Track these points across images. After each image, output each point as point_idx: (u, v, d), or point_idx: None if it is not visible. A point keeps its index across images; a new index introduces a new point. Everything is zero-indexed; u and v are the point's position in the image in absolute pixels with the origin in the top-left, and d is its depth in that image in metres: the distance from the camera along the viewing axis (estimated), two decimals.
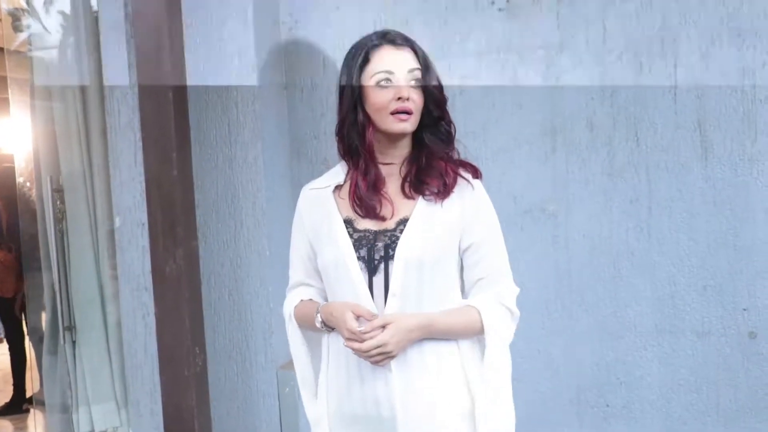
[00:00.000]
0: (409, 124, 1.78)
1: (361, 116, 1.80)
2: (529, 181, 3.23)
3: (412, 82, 1.77)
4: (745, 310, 3.07)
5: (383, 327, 1.72)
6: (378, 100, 1.76)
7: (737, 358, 3.09)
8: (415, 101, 1.77)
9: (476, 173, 1.87)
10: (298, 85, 3.40)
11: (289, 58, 3.40)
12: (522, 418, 3.14)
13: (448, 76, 3.06)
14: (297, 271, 2.00)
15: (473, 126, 3.22)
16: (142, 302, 3.31)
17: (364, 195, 1.80)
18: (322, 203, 1.90)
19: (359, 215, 1.83)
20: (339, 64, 1.88)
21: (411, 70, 1.77)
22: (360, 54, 1.80)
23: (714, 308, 3.10)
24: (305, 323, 1.93)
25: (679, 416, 3.15)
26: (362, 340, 1.72)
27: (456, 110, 3.03)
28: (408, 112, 1.76)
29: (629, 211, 3.15)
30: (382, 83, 1.77)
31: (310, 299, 1.95)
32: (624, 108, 3.14)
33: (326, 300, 1.94)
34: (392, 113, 1.76)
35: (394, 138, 1.81)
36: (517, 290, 1.89)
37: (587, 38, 3.14)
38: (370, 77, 1.77)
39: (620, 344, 3.18)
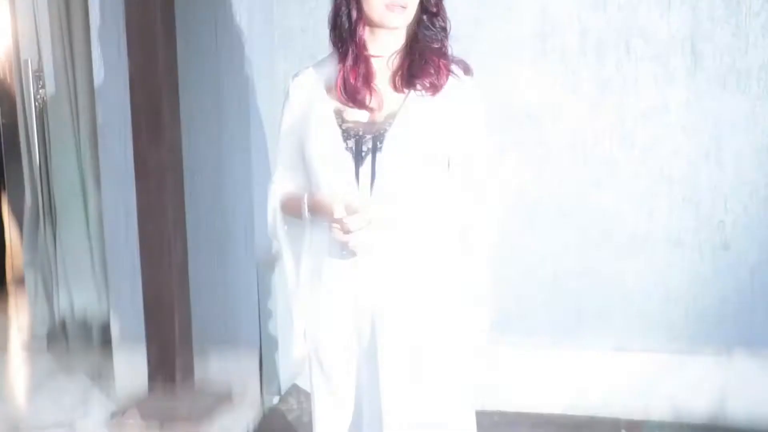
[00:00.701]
0: (402, 18, 1.76)
1: (354, 7, 1.78)
2: (517, 86, 3.22)
3: None
4: (720, 222, 3.14)
5: (366, 216, 1.75)
6: None
7: (709, 269, 3.18)
8: None
9: (467, 70, 1.87)
10: None
11: None
12: (499, 316, 3.20)
13: None
14: (285, 161, 1.98)
15: (463, 26, 3.10)
16: (124, 193, 3.29)
17: (353, 87, 1.80)
18: (311, 93, 1.88)
19: (348, 106, 1.83)
20: None
21: None
22: None
23: (690, 220, 3.16)
24: (291, 212, 1.95)
25: (650, 320, 3.26)
26: (345, 231, 1.75)
27: (447, 9, 3.03)
28: (402, 6, 1.74)
29: (615, 121, 3.17)
30: None
31: (297, 190, 1.94)
32: (615, 15, 3.11)
33: (311, 190, 1.93)
34: (386, 6, 1.75)
35: (386, 31, 1.80)
36: (500, 193, 1.92)
37: None
38: None
39: (597, 250, 3.25)
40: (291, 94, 1.92)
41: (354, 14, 1.78)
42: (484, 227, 1.88)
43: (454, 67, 1.83)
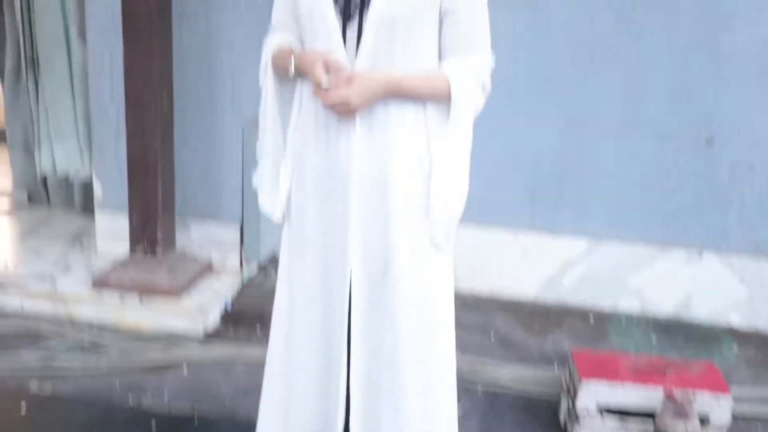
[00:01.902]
0: None
1: None
2: None
3: None
4: (707, 116, 3.15)
5: (350, 80, 1.72)
6: None
7: (690, 163, 3.21)
8: None
9: None
10: None
11: None
12: (476, 199, 3.21)
13: None
14: (279, 12, 1.94)
15: None
16: (109, 44, 3.25)
17: None
18: None
19: None
20: None
21: None
22: None
23: (678, 112, 3.17)
24: (280, 69, 1.90)
25: (625, 212, 3.31)
26: (324, 89, 1.73)
27: None
28: None
29: (614, 3, 3.13)
30: None
31: (289, 45, 1.90)
32: None
33: (300, 48, 1.91)
34: None
35: None
36: (492, 63, 1.86)
37: None
38: None
39: (582, 136, 3.26)
40: None
41: None
42: (470, 89, 1.82)
43: None
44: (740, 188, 3.20)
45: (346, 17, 1.76)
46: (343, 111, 1.76)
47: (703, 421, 2.33)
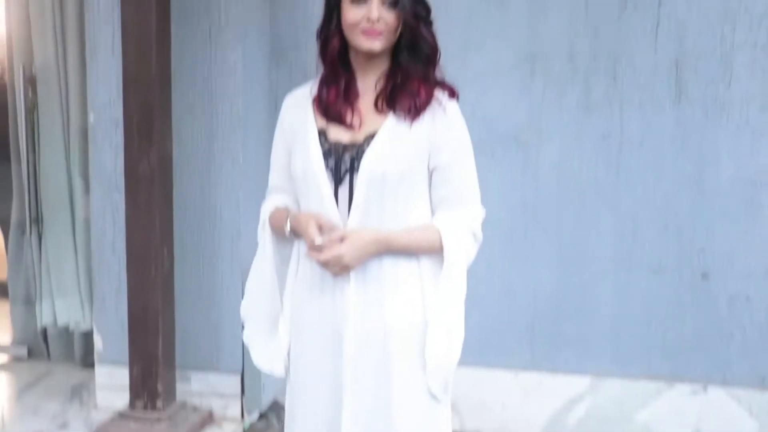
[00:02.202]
0: (377, 43, 1.80)
1: (333, 27, 1.84)
2: (505, 108, 3.27)
3: (386, 4, 1.78)
4: (701, 251, 3.19)
5: (342, 239, 1.77)
6: (350, 17, 1.80)
7: (688, 297, 3.22)
8: (387, 22, 1.79)
9: (452, 94, 1.89)
10: None
11: None
12: (476, 341, 3.25)
13: None
14: (275, 175, 2.03)
15: (454, 48, 3.20)
16: (112, 200, 3.33)
17: (332, 103, 1.85)
18: (301, 111, 1.92)
19: (331, 124, 1.86)
20: None
21: None
22: None
23: (672, 247, 3.21)
24: (277, 228, 1.97)
25: (626, 348, 3.29)
26: (318, 250, 1.77)
27: (439, 31, 3.05)
28: (376, 32, 1.78)
29: (601, 145, 3.22)
30: (355, 2, 1.79)
31: (286, 206, 1.98)
32: (605, 43, 3.17)
33: (295, 208, 1.98)
34: (362, 31, 1.79)
35: (367, 54, 1.84)
36: (483, 213, 1.92)
37: None
38: None
39: (578, 275, 3.28)
40: (282, 112, 1.97)
41: (335, 35, 1.83)
42: (461, 240, 1.87)
43: (438, 92, 1.85)
44: (740, 320, 3.20)
45: (337, 179, 1.83)
46: (338, 269, 1.79)
47: None
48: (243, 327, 2.09)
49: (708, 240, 3.18)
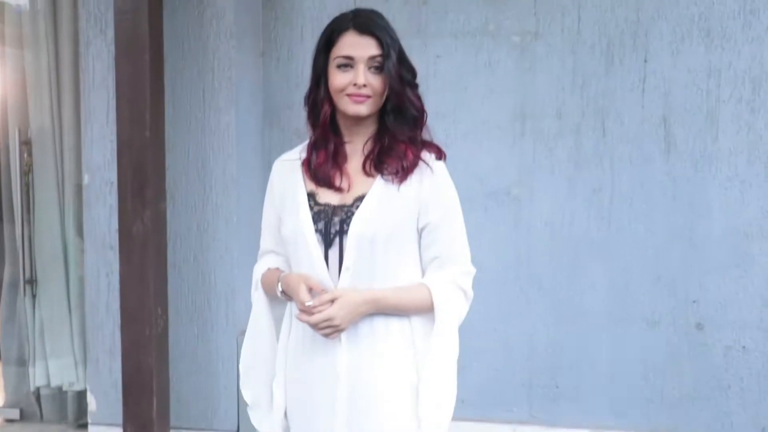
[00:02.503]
0: (364, 107, 1.83)
1: (322, 93, 1.86)
2: (496, 165, 3.30)
3: (372, 69, 1.82)
4: (694, 302, 3.21)
5: (332, 301, 1.77)
6: (337, 82, 1.83)
7: (684, 348, 3.22)
8: (374, 87, 1.82)
9: (440, 154, 1.90)
10: (274, 54, 3.43)
11: (267, 27, 3.44)
12: (474, 395, 3.27)
13: (423, 54, 3.20)
14: (266, 238, 2.05)
15: (445, 107, 3.29)
16: (106, 261, 3.34)
17: (321, 166, 1.87)
18: (290, 175, 1.94)
19: (320, 187, 1.87)
20: (316, 36, 1.93)
21: (372, 57, 1.81)
22: (328, 35, 1.87)
23: (665, 299, 3.22)
24: (269, 290, 1.98)
25: (625, 401, 3.28)
26: (312, 313, 1.77)
27: (429, 91, 3.12)
28: (362, 97, 1.81)
29: (592, 199, 3.25)
30: (342, 67, 1.83)
31: (277, 267, 1.99)
32: (593, 99, 3.22)
33: (285, 270, 1.99)
34: (349, 96, 1.82)
35: (354, 118, 1.86)
36: (474, 271, 1.92)
37: (562, 27, 3.22)
38: (333, 59, 1.84)
39: (574, 328, 3.29)
40: (272, 177, 1.99)
41: (325, 101, 1.86)
42: (452, 298, 1.87)
43: (425, 154, 1.87)
44: (737, 371, 3.20)
45: (327, 242, 1.84)
46: (329, 330, 1.79)
47: None
48: (239, 387, 2.07)
49: (701, 291, 3.19)
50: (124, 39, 2.99)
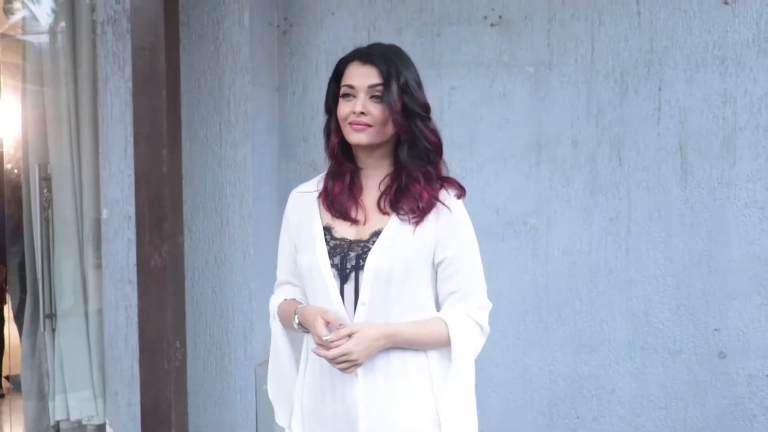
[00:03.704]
0: (363, 136, 1.83)
1: (333, 124, 1.90)
2: (513, 195, 3.29)
3: (373, 98, 1.83)
4: (716, 330, 3.17)
5: (349, 336, 1.77)
6: (341, 111, 1.86)
7: (706, 377, 3.19)
8: (374, 115, 1.83)
9: (460, 192, 1.90)
10: (289, 88, 3.45)
11: (282, 61, 3.46)
12: (494, 426, 3.23)
13: (437, 86, 3.21)
14: (283, 270, 2.06)
15: (460, 138, 3.29)
16: (125, 294, 3.34)
17: (337, 197, 1.88)
18: (307, 207, 1.95)
19: (336, 218, 1.89)
20: (331, 70, 1.95)
21: (372, 86, 1.83)
22: (337, 66, 1.92)
23: (686, 327, 3.19)
24: (287, 322, 1.99)
25: (647, 431, 3.24)
26: (329, 348, 1.77)
27: (444, 122, 3.14)
28: (361, 125, 1.83)
29: (609, 228, 3.23)
30: (346, 97, 1.86)
31: (294, 298, 2.00)
32: (608, 128, 3.21)
33: (302, 303, 2.00)
34: (350, 124, 1.84)
35: (365, 148, 1.87)
36: (490, 305, 1.93)
37: (576, 57, 3.23)
38: (340, 89, 1.88)
39: (593, 358, 3.26)
40: (288, 208, 2.01)
41: (334, 130, 1.91)
42: (468, 332, 1.87)
43: (443, 193, 1.87)
44: (762, 399, 3.16)
45: (343, 276, 1.85)
46: (346, 365, 1.79)
47: None
48: (257, 419, 2.07)
49: (723, 319, 3.16)
50: (141, 75, 3.01)
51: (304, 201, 1.97)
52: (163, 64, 2.99)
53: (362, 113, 1.82)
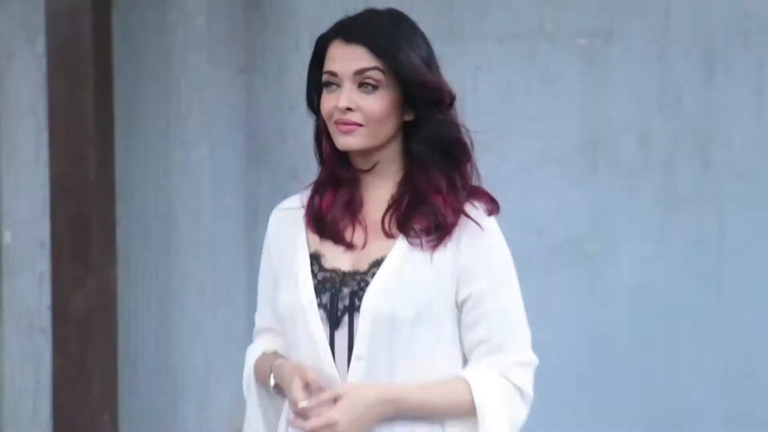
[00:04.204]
0: (353, 139, 1.73)
1: (322, 122, 1.83)
2: (560, 210, 3.22)
3: (363, 87, 1.74)
4: None
5: (334, 401, 1.69)
6: (323, 107, 1.76)
7: None
8: (365, 110, 1.72)
9: (490, 207, 1.79)
10: (260, 69, 3.39)
11: (250, 34, 3.38)
12: None
13: (457, 65, 3.07)
14: (263, 313, 1.95)
15: (488, 134, 3.05)
16: (34, 349, 3.23)
17: (328, 212, 1.81)
18: (290, 229, 1.86)
19: (325, 240, 1.80)
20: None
21: (359, 72, 1.72)
22: (317, 47, 1.84)
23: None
24: (261, 379, 1.91)
25: None
26: (309, 417, 1.69)
27: (466, 114, 2.97)
28: (350, 125, 1.74)
29: (692, 255, 3.14)
30: (328, 87, 1.77)
31: (275, 351, 1.92)
32: (690, 119, 3.14)
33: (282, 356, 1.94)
34: (335, 123, 1.76)
35: (356, 153, 1.79)
36: (535, 361, 1.79)
37: (645, 25, 3.15)
38: (323, 77, 1.81)
39: (675, 429, 3.15)
40: (268, 232, 1.92)
41: (322, 130, 1.82)
42: (502, 398, 1.73)
43: (469, 207, 1.74)
44: None
45: (333, 320, 1.76)
46: None
47: None
48: None
49: None
50: (58, 50, 2.99)
51: (289, 221, 1.86)
52: (90, 35, 2.95)
53: (348, 109, 1.71)
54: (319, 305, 1.75)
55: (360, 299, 1.73)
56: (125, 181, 3.17)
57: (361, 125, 1.72)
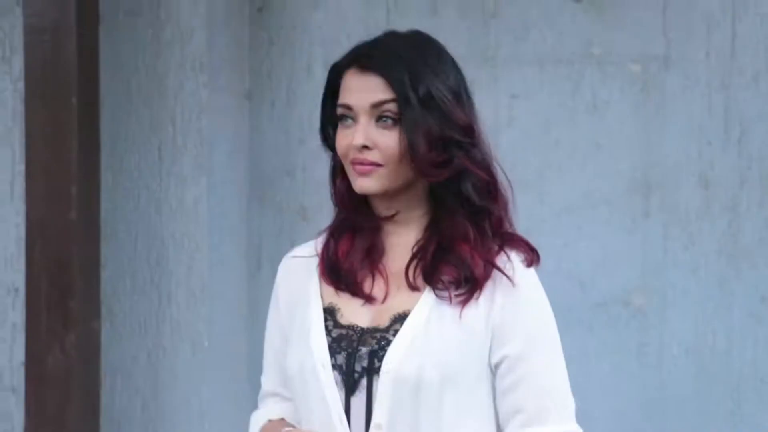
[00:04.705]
0: (370, 181, 1.77)
1: (338, 160, 1.85)
2: (607, 261, 3.25)
3: (382, 121, 1.77)
4: None
5: None
6: (338, 143, 1.79)
7: None
8: (382, 148, 1.75)
9: (531, 257, 1.81)
10: (267, 95, 3.43)
11: (256, 54, 3.43)
12: None
13: (491, 93, 3.19)
14: (270, 375, 1.98)
15: (525, 173, 3.16)
16: (4, 411, 3.28)
17: (344, 260, 1.84)
18: (302, 280, 1.90)
19: (342, 293, 1.83)
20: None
21: (376, 105, 1.75)
22: (330, 75, 1.85)
23: None
24: None
25: None
26: None
27: (500, 147, 3.02)
28: (367, 165, 1.77)
29: (760, 313, 3.14)
30: (343, 121, 1.80)
31: (282, 418, 1.95)
32: (758, 158, 3.17)
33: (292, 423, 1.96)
34: (351, 163, 1.78)
35: (376, 196, 1.82)
36: None
37: (708, 49, 3.18)
38: (337, 110, 1.82)
39: None
40: (278, 280, 1.96)
41: (333, 167, 1.87)
42: None
43: (503, 258, 1.78)
44: None
45: (350, 384, 1.77)
46: None
47: None
48: None
49: None
50: (38, 73, 3.03)
51: (300, 271, 1.91)
52: (73, 55, 3.00)
53: (365, 147, 1.74)
54: (334, 366, 1.77)
55: (380, 360, 1.74)
56: (111, 222, 3.22)
57: (379, 165, 1.74)
